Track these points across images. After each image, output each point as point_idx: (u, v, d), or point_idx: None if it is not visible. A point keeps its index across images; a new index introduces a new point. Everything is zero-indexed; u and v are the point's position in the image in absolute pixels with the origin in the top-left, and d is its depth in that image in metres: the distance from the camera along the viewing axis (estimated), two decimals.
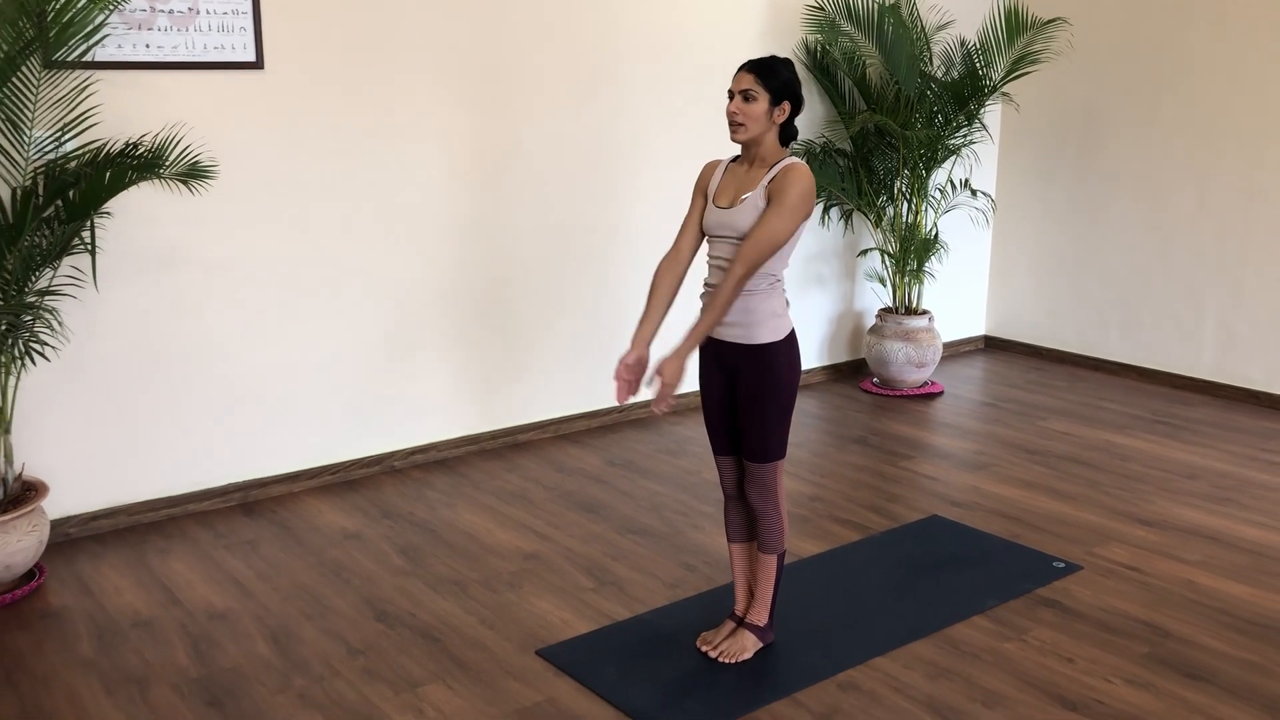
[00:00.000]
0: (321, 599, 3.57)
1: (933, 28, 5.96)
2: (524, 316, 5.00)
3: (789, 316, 3.00)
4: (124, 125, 3.84)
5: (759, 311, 2.92)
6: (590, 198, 5.07)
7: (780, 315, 2.96)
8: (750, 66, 2.91)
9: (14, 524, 3.50)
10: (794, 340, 2.99)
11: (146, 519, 4.17)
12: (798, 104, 2.94)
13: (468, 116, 4.67)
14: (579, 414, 5.25)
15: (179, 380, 4.17)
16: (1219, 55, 5.68)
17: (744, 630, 3.22)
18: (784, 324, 2.96)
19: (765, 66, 2.90)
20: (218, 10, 4.01)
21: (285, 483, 4.47)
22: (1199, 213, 5.87)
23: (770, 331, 2.93)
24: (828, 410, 5.70)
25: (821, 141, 5.80)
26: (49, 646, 3.28)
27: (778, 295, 2.97)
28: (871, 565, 3.85)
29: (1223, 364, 5.88)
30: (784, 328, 2.96)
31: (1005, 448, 5.09)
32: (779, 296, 2.97)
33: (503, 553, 3.93)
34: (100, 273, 3.89)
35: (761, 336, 2.93)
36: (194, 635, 3.34)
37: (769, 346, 2.93)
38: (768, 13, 5.51)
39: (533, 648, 3.26)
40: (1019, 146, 6.63)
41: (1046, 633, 3.37)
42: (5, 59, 3.29)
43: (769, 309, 2.93)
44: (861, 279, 6.24)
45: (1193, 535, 4.11)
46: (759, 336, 2.93)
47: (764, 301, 2.92)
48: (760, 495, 3.06)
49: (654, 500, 4.41)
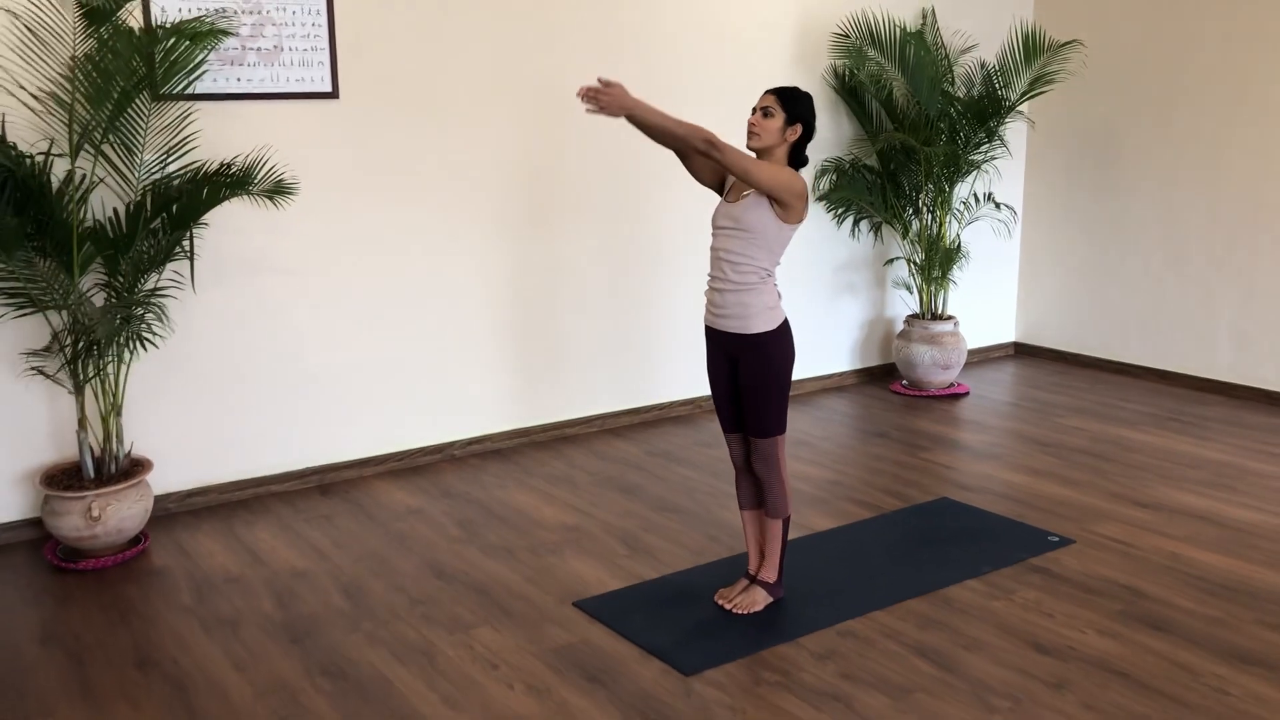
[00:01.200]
0: (388, 561, 4.06)
1: (956, 51, 6.37)
2: (571, 320, 5.48)
3: (781, 308, 3.43)
4: (219, 148, 4.40)
5: (753, 305, 3.35)
6: (631, 212, 5.55)
7: (773, 308, 3.39)
8: (774, 90, 3.38)
9: (124, 493, 4.05)
10: (787, 329, 3.42)
11: (235, 497, 4.71)
12: (809, 131, 3.38)
13: (518, 137, 5.17)
14: (623, 410, 5.71)
15: (264, 373, 4.71)
16: (1226, 74, 6.00)
17: (756, 586, 3.64)
18: (777, 315, 3.39)
19: (787, 92, 3.36)
20: (299, 48, 4.56)
21: (357, 467, 4.99)
22: (1210, 222, 6.18)
23: (764, 322, 3.37)
24: (857, 409, 6.09)
25: (850, 159, 6.22)
26: (154, 596, 3.81)
27: (770, 289, 3.39)
28: (879, 538, 4.25)
29: (1237, 365, 6.17)
30: (777, 318, 3.39)
31: (1020, 440, 5.44)
32: (771, 291, 3.40)
33: (548, 525, 4.39)
34: (197, 276, 4.44)
35: (756, 327, 3.37)
36: (277, 589, 3.85)
37: (764, 335, 3.37)
38: (798, 40, 5.96)
39: (570, 600, 3.72)
40: (1044, 161, 6.98)
41: (1032, 593, 3.74)
42: (122, 93, 3.85)
43: (762, 303, 3.36)
44: (890, 287, 6.63)
45: (1184, 515, 4.44)
46: (754, 327, 3.37)
47: (758, 296, 3.35)
48: (764, 466, 3.49)
49: (687, 484, 4.85)
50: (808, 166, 3.51)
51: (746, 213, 3.32)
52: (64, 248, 3.89)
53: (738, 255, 3.33)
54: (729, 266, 3.35)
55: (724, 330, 3.43)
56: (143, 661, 3.34)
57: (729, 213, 3.37)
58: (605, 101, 3.18)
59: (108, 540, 4.04)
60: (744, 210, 3.33)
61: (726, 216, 3.38)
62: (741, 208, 3.34)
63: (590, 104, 3.19)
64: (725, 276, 3.36)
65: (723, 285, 3.38)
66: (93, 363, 4.01)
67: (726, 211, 3.38)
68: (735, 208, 3.36)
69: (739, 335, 3.40)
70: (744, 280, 3.34)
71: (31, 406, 4.25)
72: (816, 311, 6.37)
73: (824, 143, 6.17)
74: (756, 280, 3.35)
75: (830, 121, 6.18)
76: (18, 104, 3.98)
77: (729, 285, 3.36)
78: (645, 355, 5.72)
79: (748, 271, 3.34)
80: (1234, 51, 5.97)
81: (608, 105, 3.18)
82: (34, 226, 3.84)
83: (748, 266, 3.33)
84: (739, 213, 3.34)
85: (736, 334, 3.40)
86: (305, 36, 4.57)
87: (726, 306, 3.38)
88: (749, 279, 3.35)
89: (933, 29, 6.24)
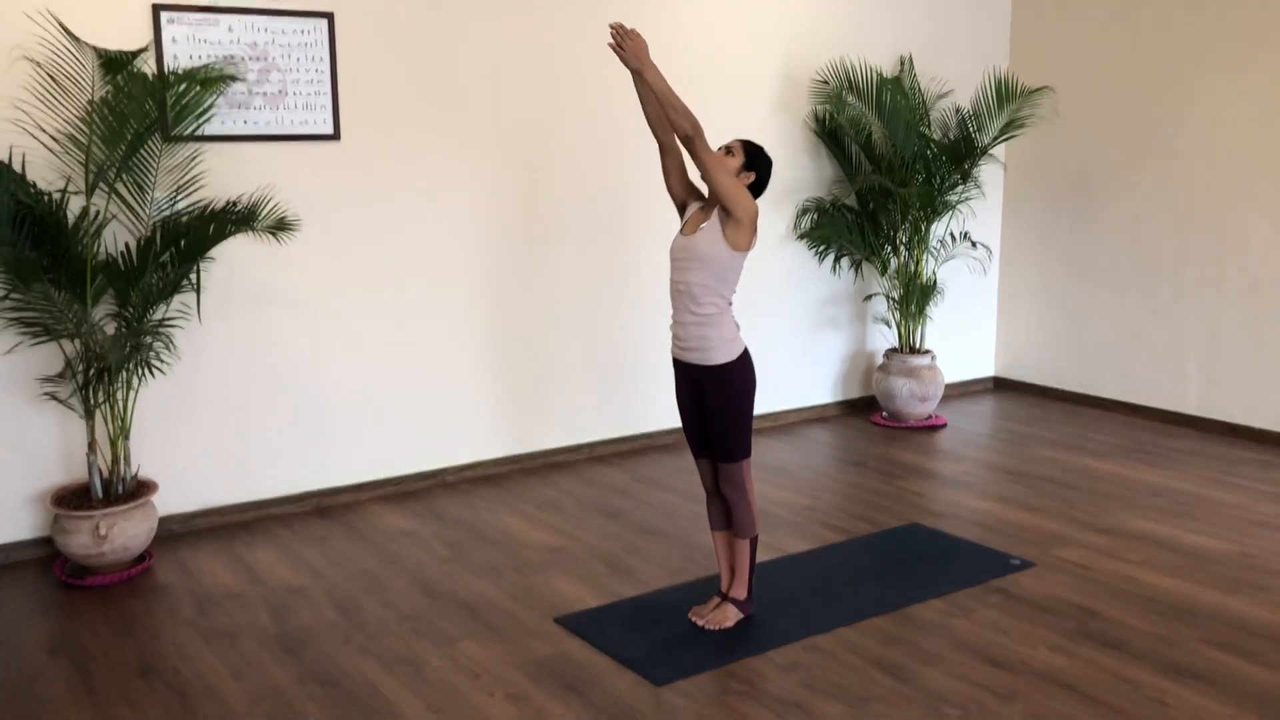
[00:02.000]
0: (380, 579, 4.27)
1: (933, 96, 6.64)
2: (561, 351, 5.71)
3: (740, 339, 3.65)
4: (225, 186, 4.65)
5: (713, 338, 3.58)
6: (617, 246, 5.79)
7: (731, 339, 3.61)
8: (742, 139, 3.65)
9: (131, 513, 4.26)
10: (747, 358, 3.65)
11: (236, 519, 4.92)
12: (760, 183, 3.63)
13: (510, 176, 5.43)
14: (611, 438, 5.93)
15: (266, 400, 4.93)
16: (1194, 118, 6.26)
17: (727, 603, 3.84)
18: (736, 346, 3.62)
19: (752, 145, 3.64)
20: (303, 92, 4.83)
21: (353, 492, 5.20)
22: (1179, 262, 6.42)
23: (724, 354, 3.59)
24: (837, 439, 6.30)
25: (831, 199, 6.47)
26: (158, 610, 4.01)
27: (727, 321, 3.61)
28: (849, 560, 4.45)
29: (1206, 399, 6.39)
30: (736, 349, 3.61)
31: (991, 470, 5.66)
32: (729, 323, 3.62)
33: (534, 547, 4.60)
34: (204, 307, 4.68)
35: (717, 359, 3.60)
36: (274, 604, 4.05)
37: (725, 366, 3.60)
38: (780, 86, 6.23)
39: (551, 616, 3.92)
40: (1020, 201, 7.23)
41: (990, 612, 3.94)
42: (136, 135, 4.10)
43: (720, 335, 3.58)
44: (871, 322, 6.86)
45: (1142, 540, 4.64)
46: (715, 359, 3.60)
47: (716, 329, 3.57)
48: (731, 489, 3.71)
49: (669, 509, 5.06)
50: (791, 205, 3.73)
51: (699, 243, 3.55)
52: (78, 280, 4.13)
53: (695, 286, 3.56)
54: (687, 299, 3.58)
55: (689, 362, 3.66)
56: (146, 670, 3.55)
57: (684, 245, 3.60)
58: (629, 47, 3.39)
59: (114, 558, 4.25)
60: (697, 241, 3.56)
61: (682, 249, 3.61)
62: (695, 239, 3.57)
63: (616, 41, 3.39)
64: (684, 308, 3.59)
65: (683, 318, 3.61)
66: (103, 389, 4.24)
67: (682, 244, 3.61)
68: (690, 240, 3.59)
69: (702, 366, 3.62)
70: (702, 311, 3.56)
71: (45, 430, 4.47)
72: (800, 345, 6.60)
73: (805, 183, 6.43)
74: (715, 311, 3.57)
75: (811, 163, 6.44)
76: (38, 145, 4.24)
77: (689, 318, 3.59)
78: (633, 385, 5.94)
79: (705, 303, 3.56)
80: (1201, 97, 6.23)
81: (630, 51, 3.39)
82: (51, 260, 4.08)
83: (705, 298, 3.56)
84: (693, 244, 3.57)
85: (700, 365, 3.63)
86: (309, 82, 4.83)
87: (688, 339, 3.61)
88: (707, 310, 3.56)
89: (910, 75, 6.51)
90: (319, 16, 4.81)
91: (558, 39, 5.47)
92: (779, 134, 6.28)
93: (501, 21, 5.30)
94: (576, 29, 5.51)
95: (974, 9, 6.96)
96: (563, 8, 5.46)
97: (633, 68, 3.41)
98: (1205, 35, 6.18)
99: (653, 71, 3.40)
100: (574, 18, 5.50)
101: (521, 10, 5.35)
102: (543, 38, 5.43)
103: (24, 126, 4.22)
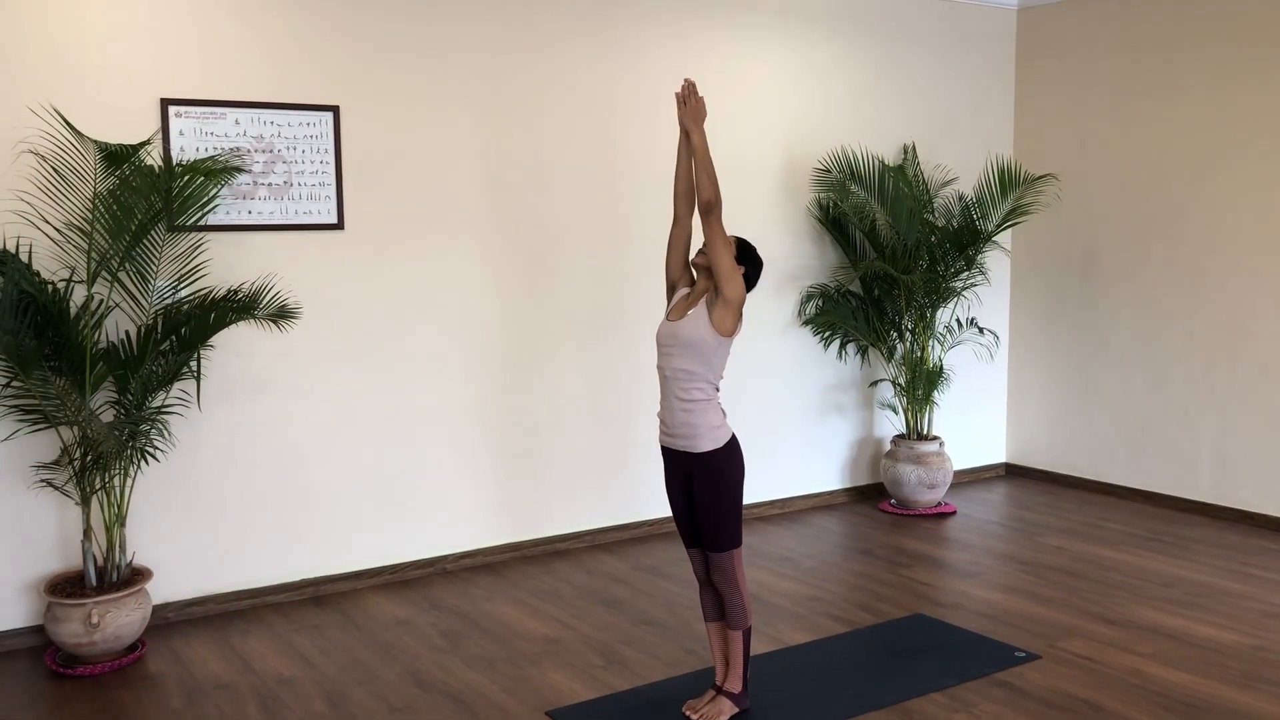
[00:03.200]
0: (371, 670, 4.21)
1: (936, 184, 6.68)
2: (562, 438, 5.69)
3: (727, 425, 3.63)
4: (227, 274, 4.70)
5: (699, 426, 3.56)
6: (617, 338, 5.80)
7: (718, 426, 3.59)
8: (738, 236, 3.70)
9: (124, 601, 4.24)
10: (734, 445, 3.62)
11: (232, 607, 4.88)
12: (749, 279, 3.63)
13: (510, 267, 5.48)
14: (612, 525, 5.88)
15: (264, 489, 4.92)
16: (1198, 203, 6.27)
17: (721, 697, 3.76)
18: (723, 433, 3.59)
19: (745, 242, 3.70)
20: (308, 183, 4.91)
21: (350, 580, 5.16)
22: (1189, 347, 6.38)
23: (711, 441, 3.57)
24: (844, 527, 6.23)
25: (835, 285, 6.49)
26: (146, 701, 3.96)
27: (714, 409, 3.60)
28: (849, 652, 4.36)
29: (1219, 486, 6.29)
30: (723, 436, 3.59)
31: (999, 559, 5.56)
32: (715, 410, 3.60)
33: (529, 637, 4.53)
34: (203, 395, 4.70)
35: (704, 446, 3.57)
36: (264, 695, 4.00)
37: (712, 454, 3.57)
38: (783, 173, 6.29)
39: (543, 709, 3.84)
40: (1028, 287, 7.23)
41: (992, 707, 3.83)
42: (140, 225, 4.17)
43: (707, 422, 3.56)
44: (877, 407, 6.82)
45: (1152, 633, 4.53)
46: (702, 446, 3.57)
47: (702, 416, 3.56)
48: (722, 580, 3.65)
49: (669, 598, 4.98)
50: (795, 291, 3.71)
51: (685, 329, 3.56)
52: (78, 367, 4.16)
53: (680, 372, 3.55)
54: (674, 384, 3.57)
55: (676, 450, 3.63)
56: None
57: (671, 331, 3.61)
58: (692, 105, 3.56)
59: (105, 647, 4.21)
60: (683, 327, 3.57)
61: (669, 335, 3.61)
62: (681, 325, 3.58)
63: (684, 94, 3.56)
64: (671, 394, 3.59)
65: (669, 404, 3.60)
66: (99, 475, 4.25)
67: (669, 330, 3.62)
68: (676, 325, 3.59)
69: (690, 454, 3.60)
70: (689, 397, 3.55)
71: (41, 517, 4.47)
72: (806, 431, 6.56)
73: (809, 269, 6.45)
74: (702, 397, 3.56)
75: (815, 249, 6.47)
76: (41, 235, 4.31)
77: (676, 404, 3.58)
78: (636, 472, 5.91)
79: (692, 389, 3.55)
80: (1206, 185, 6.24)
81: (690, 109, 3.56)
82: (51, 348, 4.12)
83: (691, 384, 3.55)
84: (678, 329, 3.58)
85: (687, 453, 3.60)
86: (314, 173, 4.91)
87: (675, 426, 3.60)
88: (694, 395, 3.55)
89: (913, 163, 6.57)
90: (324, 110, 4.91)
91: (559, 132, 5.56)
92: (782, 220, 6.32)
93: (503, 114, 5.39)
94: (578, 122, 5.60)
95: (977, 97, 7.04)
96: (564, 103, 5.55)
97: (686, 125, 3.58)
98: (1207, 120, 6.21)
99: (700, 135, 3.55)
100: (575, 112, 5.59)
101: (523, 103, 5.45)
102: (544, 130, 5.52)
103: (28, 218, 4.29)
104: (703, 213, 3.52)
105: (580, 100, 5.61)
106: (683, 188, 3.70)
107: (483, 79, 5.33)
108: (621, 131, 5.75)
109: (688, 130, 3.57)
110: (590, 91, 5.64)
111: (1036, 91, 7.09)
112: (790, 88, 6.30)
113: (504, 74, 5.38)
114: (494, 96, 5.36)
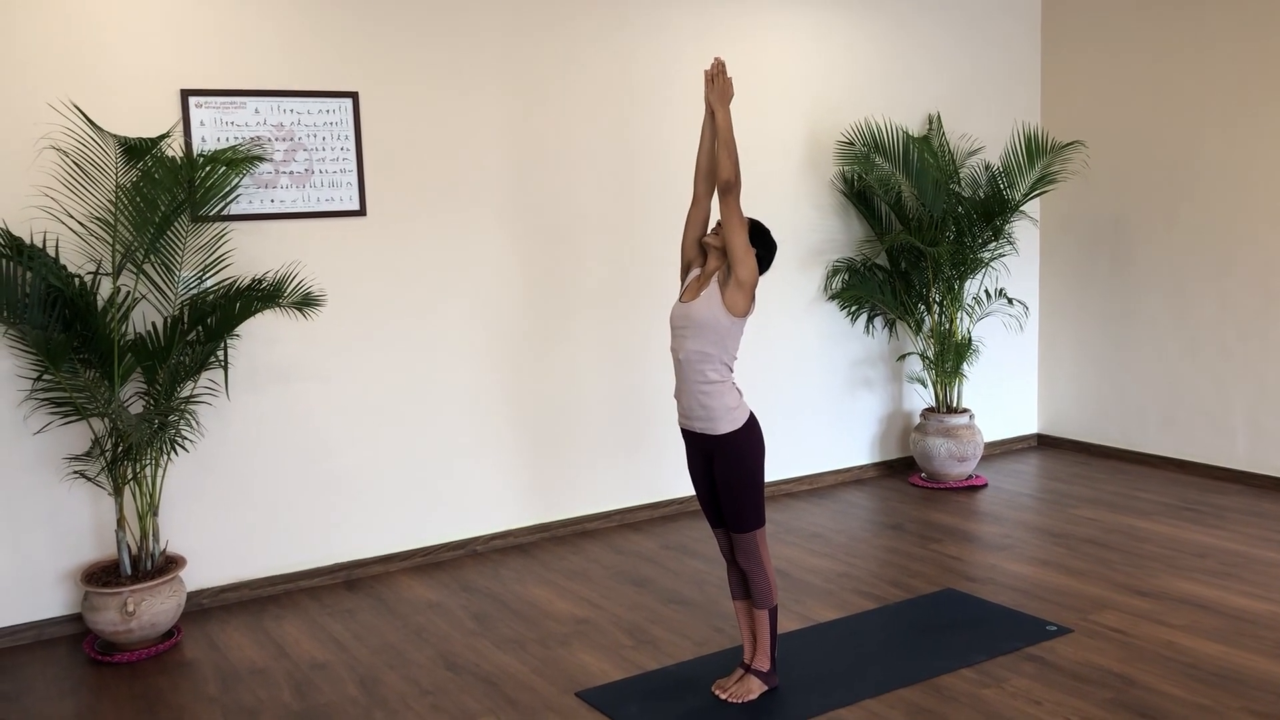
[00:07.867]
0: (403, 653, 4.25)
1: (962, 154, 6.60)
2: (590, 418, 5.70)
3: (745, 405, 3.61)
4: (251, 264, 4.73)
5: (716, 409, 3.55)
6: (642, 317, 5.79)
7: (734, 407, 3.58)
8: (752, 218, 3.68)
9: (159, 589, 4.30)
10: (753, 425, 3.61)
11: (266, 592, 4.94)
12: (764, 261, 3.63)
13: (533, 248, 5.47)
14: (641, 504, 5.89)
15: (294, 475, 4.97)
16: (1229, 166, 6.16)
17: (750, 675, 3.77)
18: (740, 414, 3.58)
19: (758, 225, 3.67)
20: (329, 170, 4.92)
21: (382, 563, 5.20)
22: (1221, 313, 6.28)
23: (729, 423, 3.56)
24: (874, 502, 6.20)
25: (861, 258, 6.44)
26: (183, 687, 4.02)
27: (730, 390, 3.58)
28: (879, 628, 4.35)
29: (1254, 454, 6.21)
30: (740, 417, 3.58)
31: (1031, 532, 5.52)
32: (731, 391, 3.59)
33: (559, 618, 4.56)
34: (231, 383, 4.74)
35: (722, 428, 3.56)
36: (297, 680, 4.05)
37: (731, 435, 3.56)
38: (806, 147, 6.24)
39: (573, 690, 3.87)
40: (1057, 256, 7.14)
41: (1023, 682, 3.82)
42: (163, 217, 4.20)
43: (723, 405, 3.55)
44: (906, 381, 6.78)
45: (1184, 604, 4.49)
46: (720, 428, 3.56)
47: (719, 398, 3.55)
48: (746, 559, 3.65)
49: (697, 577, 4.99)
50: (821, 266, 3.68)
51: (698, 310, 3.55)
52: (106, 360, 4.20)
53: (694, 354, 3.55)
54: (688, 367, 3.56)
55: (695, 431, 3.63)
56: None
57: (683, 312, 3.59)
58: (719, 84, 3.58)
59: (142, 634, 4.27)
60: (696, 308, 3.56)
61: (681, 317, 3.60)
62: (694, 306, 3.57)
63: (713, 73, 3.58)
64: (686, 377, 3.58)
65: (686, 387, 3.59)
66: (131, 466, 4.30)
67: (682, 312, 3.61)
68: (689, 306, 3.58)
69: (709, 435, 3.60)
70: (704, 379, 3.54)
71: (77, 507, 4.54)
72: (835, 406, 6.54)
73: (835, 243, 6.40)
74: (718, 379, 3.55)
75: (840, 223, 6.42)
76: (66, 230, 4.35)
77: (692, 387, 3.57)
78: (661, 451, 5.91)
79: (707, 370, 3.54)
80: (1236, 147, 6.14)
81: (718, 87, 3.58)
82: (80, 341, 4.17)
83: (706, 365, 3.54)
84: (691, 310, 3.56)
85: (706, 434, 3.60)
86: (335, 160, 4.92)
87: (691, 409, 3.59)
88: (709, 376, 3.54)
89: (939, 134, 6.49)
90: (344, 96, 4.92)
91: (579, 114, 5.53)
92: (806, 195, 6.28)
93: (523, 96, 5.38)
94: (599, 102, 5.58)
95: (1003, 65, 6.94)
96: (584, 83, 5.53)
97: (712, 103, 3.58)
98: (1239, 79, 6.10)
99: (725, 114, 3.57)
100: (594, 95, 5.57)
101: (543, 85, 5.43)
102: (564, 113, 5.50)
103: (53, 213, 4.33)
104: (721, 191, 3.52)
105: (600, 79, 5.58)
106: (704, 166, 3.69)
107: (501, 61, 5.31)
108: (642, 111, 5.72)
109: (714, 109, 3.58)
110: (611, 68, 5.61)
111: (1063, 57, 6.98)
112: (813, 59, 6.24)
113: (523, 56, 5.37)
114: (513, 78, 5.35)
